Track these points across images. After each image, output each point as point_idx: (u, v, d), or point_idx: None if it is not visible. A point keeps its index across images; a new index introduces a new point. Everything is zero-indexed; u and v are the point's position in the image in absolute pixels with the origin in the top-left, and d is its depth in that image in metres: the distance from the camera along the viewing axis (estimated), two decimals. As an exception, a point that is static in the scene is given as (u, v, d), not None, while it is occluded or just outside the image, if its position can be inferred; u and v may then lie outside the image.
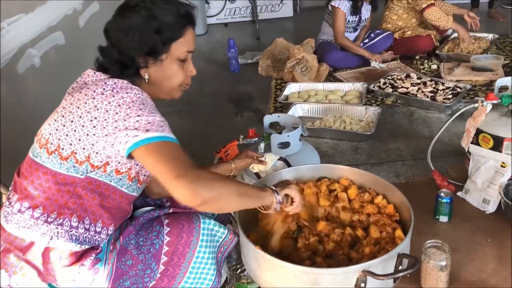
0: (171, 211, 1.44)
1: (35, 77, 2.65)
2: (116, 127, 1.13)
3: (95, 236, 1.24)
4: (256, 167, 1.61)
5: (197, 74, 1.36)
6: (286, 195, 1.32)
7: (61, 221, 1.19)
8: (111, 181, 1.22)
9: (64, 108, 1.20)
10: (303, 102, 3.12)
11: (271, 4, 5.59)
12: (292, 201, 1.33)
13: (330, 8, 3.70)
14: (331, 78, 3.65)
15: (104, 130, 1.14)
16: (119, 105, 1.14)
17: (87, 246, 1.23)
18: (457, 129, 2.42)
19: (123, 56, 1.24)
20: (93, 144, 1.16)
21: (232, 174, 1.65)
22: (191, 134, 3.04)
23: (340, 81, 3.56)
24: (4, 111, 2.33)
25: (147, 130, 1.11)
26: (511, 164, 1.91)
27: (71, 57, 3.17)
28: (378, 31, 3.86)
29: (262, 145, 1.89)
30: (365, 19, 3.84)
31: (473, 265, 1.73)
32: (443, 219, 1.96)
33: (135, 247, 1.28)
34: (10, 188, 1.28)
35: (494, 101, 1.97)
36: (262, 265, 1.21)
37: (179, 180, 1.07)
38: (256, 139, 1.90)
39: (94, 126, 1.14)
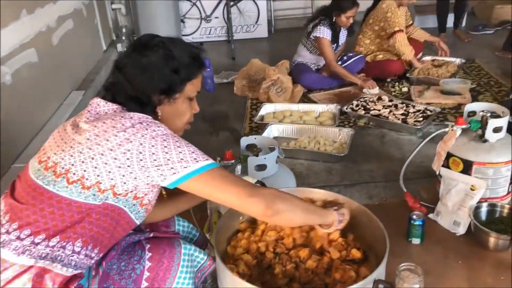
0: (151, 235, 1.43)
1: (6, 95, 2.59)
2: (155, 160, 1.14)
3: (88, 260, 1.22)
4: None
5: None
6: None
7: (64, 244, 1.16)
8: (125, 206, 1.21)
9: (88, 139, 1.17)
10: (278, 123, 3.15)
11: (246, 25, 5.66)
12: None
13: (312, 37, 3.76)
14: (305, 99, 3.71)
15: (140, 162, 1.14)
16: (153, 138, 1.15)
17: (77, 271, 1.20)
18: (428, 151, 2.48)
19: (139, 93, 1.26)
20: (123, 175, 1.15)
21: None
22: (165, 153, 3.02)
23: (314, 102, 3.61)
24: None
25: (196, 160, 1.16)
26: (481, 187, 1.97)
27: (44, 75, 3.12)
28: (351, 54, 3.94)
29: (239, 167, 1.89)
30: (342, 44, 3.93)
31: (445, 287, 1.77)
32: (416, 241, 1.99)
33: (117, 272, 1.27)
34: (2, 212, 1.21)
35: (464, 126, 2.04)
36: (240, 291, 1.20)
37: (253, 198, 1.19)
38: (233, 161, 1.90)
39: (128, 158, 1.14)
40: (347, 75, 3.72)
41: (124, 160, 1.14)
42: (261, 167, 1.90)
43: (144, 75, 1.25)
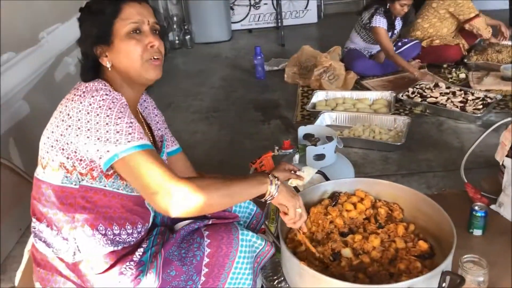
0: (210, 222, 1.47)
1: (71, 84, 2.72)
2: (88, 137, 1.14)
3: (115, 238, 1.27)
4: (294, 182, 1.63)
5: (223, 81, 1.36)
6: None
7: (75, 234, 1.23)
8: (105, 186, 1.23)
9: (50, 123, 1.23)
10: (331, 111, 3.13)
11: (295, 11, 5.61)
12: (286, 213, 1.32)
13: (368, 28, 3.69)
14: (358, 86, 3.66)
15: (79, 138, 1.15)
16: (88, 113, 1.14)
17: (112, 248, 1.26)
18: (488, 140, 2.40)
19: (82, 54, 1.29)
20: (75, 152, 1.18)
21: None
22: (220, 142, 3.08)
23: (368, 89, 3.56)
24: (44, 119, 2.41)
25: (117, 143, 1.12)
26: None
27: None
28: (406, 40, 3.85)
29: (297, 157, 1.90)
30: (398, 31, 3.84)
31: (510, 280, 1.72)
32: (477, 232, 1.95)
33: (178, 259, 1.31)
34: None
35: (531, 115, 1.96)
36: (306, 280, 1.22)
37: (156, 197, 1.10)
38: (291, 150, 1.91)
39: (70, 134, 1.17)
40: (405, 66, 3.61)
41: (67, 135, 1.17)
42: (320, 157, 1.91)
43: (79, 38, 1.29)
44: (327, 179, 1.65)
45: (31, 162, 2.17)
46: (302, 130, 2.06)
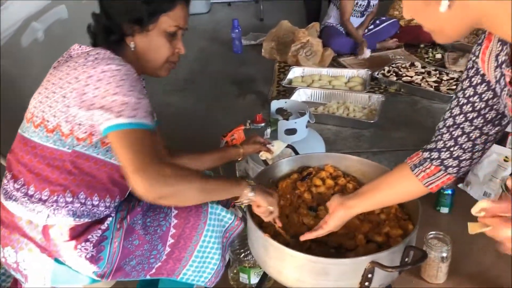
0: None
1: (39, 51, 2.62)
2: (93, 103, 1.11)
3: (93, 209, 1.24)
4: (264, 155, 1.61)
5: (199, 53, 1.34)
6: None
7: (55, 198, 1.19)
8: (98, 154, 1.20)
9: (48, 81, 1.19)
10: (307, 87, 3.11)
11: (275, -16, 5.51)
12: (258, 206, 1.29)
13: None
14: (335, 63, 3.64)
15: (82, 103, 1.12)
16: (99, 80, 1.12)
17: (86, 220, 1.23)
18: (460, 120, 2.43)
19: (110, 21, 1.24)
20: (74, 116, 1.14)
21: (239, 159, 1.65)
22: (194, 115, 3.04)
23: (344, 67, 3.55)
24: (6, 84, 2.31)
25: (119, 114, 1.09)
26: (515, 159, 1.93)
27: (74, 31, 3.12)
28: (384, 18, 3.83)
29: (268, 131, 1.89)
30: (373, 5, 3.80)
31: (473, 257, 1.76)
32: (444, 210, 1.98)
33: (142, 227, 1.29)
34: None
35: (501, 96, 1.98)
36: (271, 252, 1.21)
37: (137, 174, 1.05)
38: (263, 124, 1.89)
39: (74, 98, 1.13)
40: (354, 33, 3.67)
41: (71, 99, 1.13)
42: (291, 131, 1.89)
43: (114, 3, 1.23)
44: (296, 153, 1.64)
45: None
46: (275, 105, 2.03)
